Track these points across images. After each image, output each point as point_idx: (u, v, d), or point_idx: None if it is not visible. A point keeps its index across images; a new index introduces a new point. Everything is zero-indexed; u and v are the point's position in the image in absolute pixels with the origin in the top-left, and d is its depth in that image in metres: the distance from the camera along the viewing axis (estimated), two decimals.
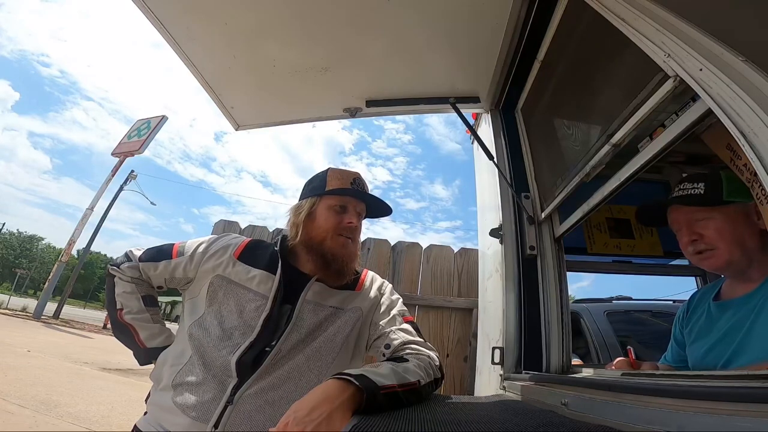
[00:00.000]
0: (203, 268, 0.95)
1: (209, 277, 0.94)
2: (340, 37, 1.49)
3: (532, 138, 1.68)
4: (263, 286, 0.92)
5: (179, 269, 0.97)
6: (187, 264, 0.96)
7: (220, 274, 0.94)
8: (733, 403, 0.44)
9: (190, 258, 0.96)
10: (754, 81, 0.54)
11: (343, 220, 0.95)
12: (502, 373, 1.38)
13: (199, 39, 1.50)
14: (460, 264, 2.46)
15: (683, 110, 0.77)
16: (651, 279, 2.19)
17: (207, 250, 0.97)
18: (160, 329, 1.02)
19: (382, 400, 0.67)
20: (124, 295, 0.97)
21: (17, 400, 3.51)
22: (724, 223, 0.84)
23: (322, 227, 0.95)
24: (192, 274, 0.96)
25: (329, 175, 0.98)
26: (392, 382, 0.71)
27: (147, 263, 0.98)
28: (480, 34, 1.43)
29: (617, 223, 1.93)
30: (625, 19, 0.84)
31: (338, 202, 0.96)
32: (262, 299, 0.90)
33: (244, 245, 0.99)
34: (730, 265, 0.86)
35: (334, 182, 0.97)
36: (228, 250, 0.97)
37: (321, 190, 0.97)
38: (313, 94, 1.84)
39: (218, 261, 0.95)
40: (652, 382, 0.71)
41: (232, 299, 0.91)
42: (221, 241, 1.00)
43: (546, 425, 0.70)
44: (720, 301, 0.91)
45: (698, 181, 0.92)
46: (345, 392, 0.65)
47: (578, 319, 2.48)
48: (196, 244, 1.00)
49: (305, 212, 0.96)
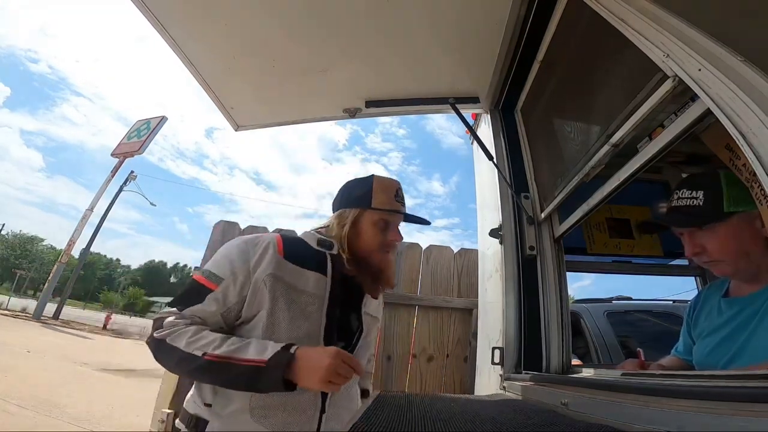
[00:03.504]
0: (256, 276, 0.84)
1: (263, 279, 0.84)
2: (340, 37, 1.49)
3: (531, 138, 1.68)
4: (317, 288, 0.88)
5: (231, 293, 0.83)
6: (235, 284, 0.83)
7: (273, 273, 0.84)
8: (733, 403, 0.44)
9: (233, 277, 0.83)
10: (753, 81, 0.54)
11: (387, 236, 0.95)
12: (502, 373, 1.38)
13: (199, 40, 1.50)
14: (460, 264, 2.46)
15: (682, 110, 0.78)
16: (651, 279, 2.19)
17: (248, 257, 0.86)
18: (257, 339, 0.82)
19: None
20: (195, 340, 0.76)
21: (17, 401, 3.50)
22: (728, 237, 0.81)
23: (368, 243, 0.94)
24: (247, 290, 0.83)
25: (375, 186, 0.95)
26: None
27: (193, 308, 0.82)
28: (480, 34, 1.43)
29: (617, 223, 1.93)
30: (625, 19, 0.84)
31: (384, 217, 0.95)
32: (318, 301, 0.87)
33: (282, 243, 0.89)
34: (736, 274, 0.86)
35: (380, 196, 0.95)
36: (269, 248, 0.87)
37: (366, 203, 0.94)
38: (313, 94, 1.84)
39: (267, 261, 0.85)
40: (652, 382, 0.71)
41: (294, 302, 0.85)
42: (254, 242, 0.89)
43: (546, 425, 0.70)
44: (729, 298, 0.91)
45: (696, 189, 0.87)
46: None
47: (578, 319, 2.48)
48: (229, 261, 0.86)
49: (349, 225, 0.94)
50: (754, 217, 0.79)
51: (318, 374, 0.73)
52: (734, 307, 0.87)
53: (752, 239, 0.80)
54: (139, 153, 17.51)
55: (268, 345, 0.75)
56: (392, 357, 2.25)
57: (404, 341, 2.28)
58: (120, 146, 18.22)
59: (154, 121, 18.48)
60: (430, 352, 2.26)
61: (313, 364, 0.73)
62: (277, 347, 0.75)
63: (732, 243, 0.81)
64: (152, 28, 1.41)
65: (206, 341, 0.76)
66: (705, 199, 0.84)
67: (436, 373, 2.23)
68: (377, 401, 1.00)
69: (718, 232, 0.82)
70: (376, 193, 0.95)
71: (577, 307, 2.61)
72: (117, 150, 18.16)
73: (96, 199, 16.64)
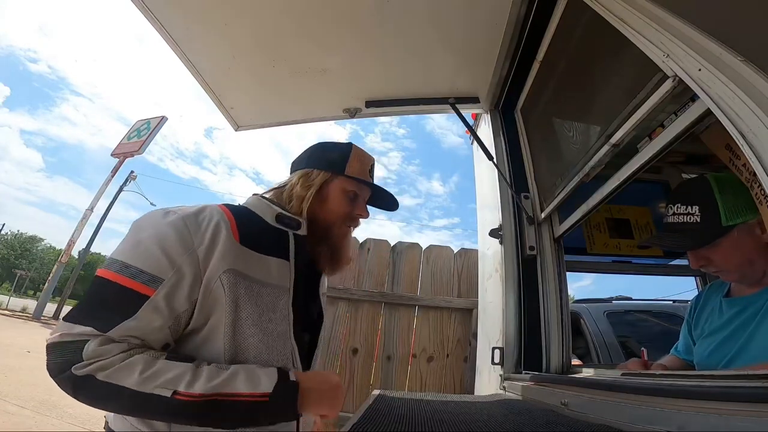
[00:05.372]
0: (210, 273, 0.64)
1: (218, 276, 0.64)
2: (340, 37, 1.49)
3: (531, 138, 1.68)
4: (280, 278, 0.73)
5: (178, 299, 0.61)
6: (181, 284, 0.62)
7: (231, 269, 0.65)
8: (733, 403, 0.44)
9: (177, 275, 0.61)
10: (753, 81, 0.54)
11: (354, 209, 0.86)
12: (502, 373, 1.39)
13: (199, 40, 1.50)
14: (460, 264, 2.46)
15: (682, 110, 0.78)
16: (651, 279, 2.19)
17: (191, 242, 0.64)
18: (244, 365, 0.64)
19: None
20: (153, 375, 0.56)
21: (17, 401, 3.50)
22: (731, 249, 0.82)
23: (333, 212, 0.83)
24: (198, 290, 0.63)
25: (353, 154, 0.86)
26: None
27: (124, 327, 0.58)
28: (480, 34, 1.43)
29: (617, 223, 1.94)
30: (625, 19, 0.84)
31: (354, 188, 0.85)
32: (283, 293, 0.73)
33: (235, 222, 0.70)
34: (743, 280, 0.86)
35: (356, 164, 0.85)
36: (220, 230, 0.67)
37: (340, 169, 0.84)
38: (313, 94, 1.84)
39: (221, 250, 0.65)
40: (652, 382, 0.71)
41: (259, 299, 0.69)
42: (196, 221, 0.66)
43: (546, 425, 0.70)
44: (730, 298, 0.91)
45: (691, 203, 0.86)
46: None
47: (578, 319, 2.48)
48: (163, 251, 0.62)
49: (316, 187, 0.82)
50: (753, 227, 0.80)
51: (328, 398, 0.67)
52: (735, 307, 0.87)
53: (754, 248, 0.80)
54: (139, 153, 17.49)
55: (257, 372, 0.62)
56: (392, 357, 2.25)
57: (404, 341, 2.28)
58: (120, 146, 18.21)
59: (154, 121, 18.47)
60: (430, 352, 2.26)
61: (323, 387, 0.67)
62: (272, 375, 0.62)
63: (735, 255, 0.82)
64: (152, 27, 1.41)
65: (171, 375, 0.57)
66: (702, 215, 0.84)
67: (436, 373, 2.23)
68: (377, 401, 1.00)
69: (721, 245, 0.82)
70: (353, 161, 0.85)
71: (577, 307, 2.61)
72: (117, 150, 18.15)
73: (96, 199, 16.64)
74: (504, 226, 1.56)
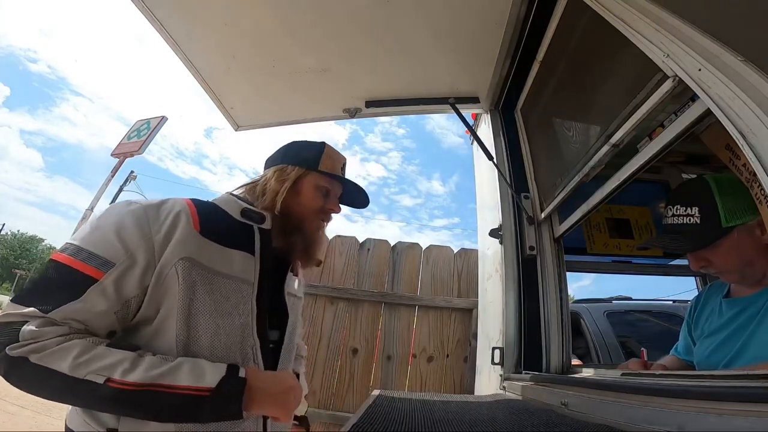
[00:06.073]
0: (164, 259, 0.63)
1: (173, 263, 0.63)
2: (340, 37, 1.49)
3: (531, 138, 1.68)
4: (244, 271, 0.72)
5: (128, 283, 0.61)
6: (132, 269, 0.61)
7: (187, 257, 0.64)
8: (733, 403, 0.44)
9: (129, 260, 0.61)
10: (753, 81, 0.54)
11: (326, 204, 0.89)
12: (502, 373, 1.39)
13: (199, 39, 1.50)
14: (460, 264, 2.46)
15: (682, 110, 0.78)
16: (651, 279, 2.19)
17: (148, 228, 0.64)
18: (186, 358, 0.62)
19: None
20: (87, 361, 0.54)
21: (17, 401, 3.50)
22: (731, 250, 0.82)
23: (306, 206, 0.86)
24: (150, 277, 0.62)
25: (326, 152, 0.90)
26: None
27: (67, 309, 0.56)
28: (480, 34, 1.43)
29: (617, 223, 1.94)
30: (625, 19, 0.84)
31: (327, 184, 0.89)
32: (246, 286, 0.72)
33: (197, 213, 0.71)
34: (743, 281, 0.86)
35: (328, 162, 0.89)
36: (179, 219, 0.67)
37: (314, 165, 0.87)
38: (313, 94, 1.84)
39: (179, 238, 0.65)
40: (652, 382, 0.71)
41: (216, 290, 0.67)
42: (156, 209, 0.68)
43: (546, 425, 0.70)
44: (730, 299, 0.91)
45: (690, 204, 0.86)
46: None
47: (578, 319, 2.49)
48: (117, 234, 0.62)
49: (290, 181, 0.85)
50: (753, 228, 0.79)
51: (278, 399, 0.65)
52: (735, 307, 0.87)
53: (755, 249, 0.80)
54: (139, 153, 17.38)
55: (203, 366, 0.60)
56: (392, 357, 2.25)
57: (404, 341, 2.28)
58: (120, 146, 18.13)
59: (153, 121, 18.39)
60: (430, 352, 2.26)
61: (274, 388, 0.65)
62: (219, 370, 0.60)
63: (735, 256, 0.82)
64: (152, 27, 1.41)
65: (107, 362, 0.55)
66: (701, 216, 0.84)
67: (436, 373, 2.23)
68: (377, 401, 1.00)
69: (721, 246, 0.82)
70: (326, 159, 0.89)
71: (577, 307, 2.61)
72: (117, 150, 18.07)
73: (96, 199, 16.60)
74: (504, 226, 1.56)
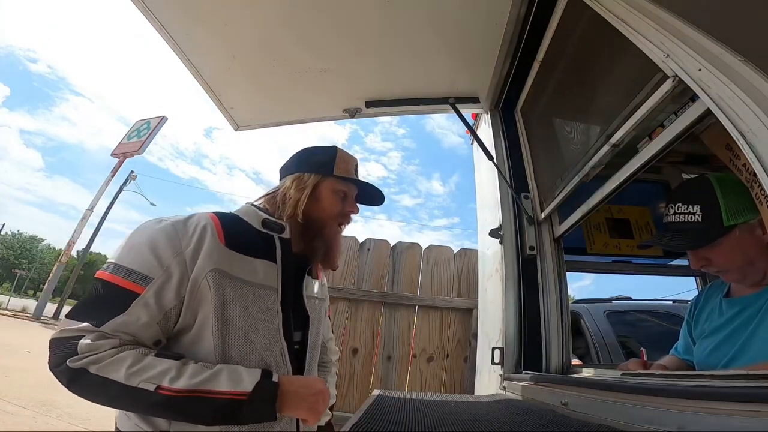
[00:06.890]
0: (196, 272, 0.68)
1: (204, 275, 0.68)
2: (340, 37, 1.49)
3: (531, 138, 1.68)
4: (268, 278, 0.77)
5: (167, 296, 0.66)
6: (169, 282, 0.66)
7: (216, 268, 0.69)
8: (733, 403, 0.44)
9: (166, 274, 0.66)
10: (753, 81, 0.54)
11: (345, 206, 0.91)
12: (502, 373, 1.39)
13: (199, 39, 1.50)
14: (460, 264, 2.46)
15: (682, 110, 0.78)
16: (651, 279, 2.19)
17: (179, 244, 0.69)
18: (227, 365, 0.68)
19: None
20: (139, 370, 0.60)
21: (17, 401, 3.50)
22: (731, 248, 0.82)
23: (326, 210, 0.88)
24: (185, 288, 0.67)
25: (338, 156, 0.92)
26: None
27: (116, 322, 0.63)
28: (480, 34, 1.43)
29: (617, 223, 1.94)
30: (625, 19, 0.84)
31: (343, 188, 0.91)
32: (271, 293, 0.76)
33: (221, 226, 0.75)
34: (744, 280, 0.86)
35: (342, 165, 0.91)
36: (206, 234, 0.72)
37: (329, 170, 0.89)
38: (313, 94, 1.84)
39: (207, 252, 0.70)
40: (652, 382, 0.71)
41: (245, 298, 0.72)
42: (184, 225, 0.72)
43: (546, 425, 0.70)
44: (730, 298, 0.91)
45: (692, 202, 0.86)
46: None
47: (578, 319, 2.49)
48: (153, 252, 0.67)
49: (309, 188, 0.87)
50: (753, 227, 0.80)
51: (308, 402, 0.69)
52: (735, 307, 0.87)
53: (755, 248, 0.80)
54: (139, 153, 17.48)
55: (240, 372, 0.65)
56: (392, 357, 2.25)
57: (404, 341, 2.28)
58: (120, 146, 18.19)
59: (153, 121, 18.45)
60: (430, 352, 2.26)
61: (304, 392, 0.69)
62: (255, 375, 0.65)
63: (736, 255, 0.82)
64: (152, 27, 1.41)
65: (156, 371, 0.61)
66: (703, 213, 0.84)
67: (436, 373, 2.23)
68: (377, 401, 1.00)
69: (722, 245, 0.82)
70: (340, 162, 0.91)
71: (577, 307, 2.61)
72: (117, 150, 18.14)
73: (96, 199, 16.64)
74: (504, 226, 1.56)
